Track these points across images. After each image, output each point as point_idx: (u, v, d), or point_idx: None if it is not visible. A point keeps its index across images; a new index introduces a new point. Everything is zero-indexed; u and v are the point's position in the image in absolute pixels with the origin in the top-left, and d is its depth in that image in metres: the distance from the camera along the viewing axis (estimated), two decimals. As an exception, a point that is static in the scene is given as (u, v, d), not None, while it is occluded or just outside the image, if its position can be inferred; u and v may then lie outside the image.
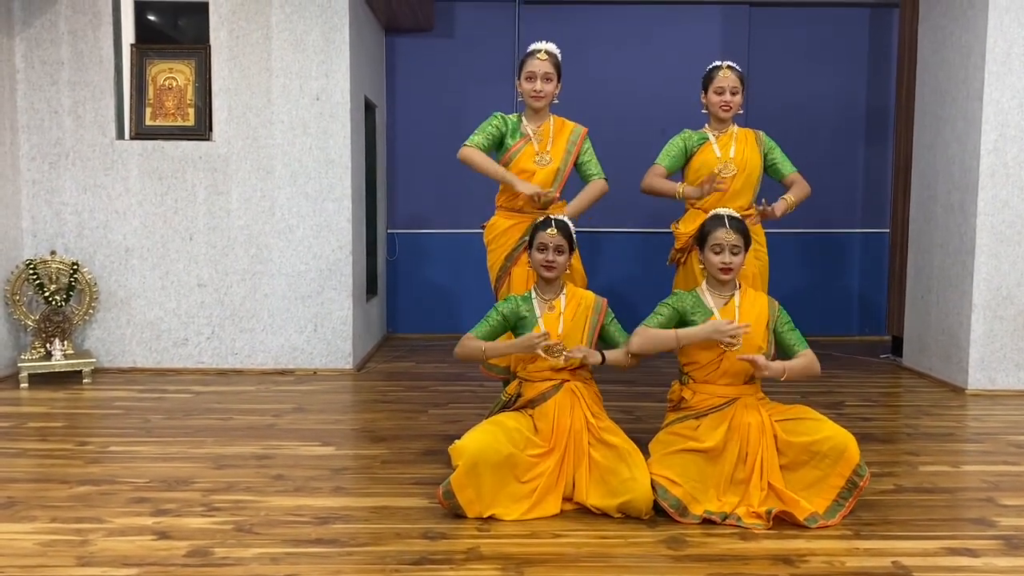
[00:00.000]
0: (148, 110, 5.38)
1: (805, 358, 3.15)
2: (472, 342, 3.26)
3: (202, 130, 5.38)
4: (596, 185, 3.78)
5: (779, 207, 3.74)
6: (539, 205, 3.56)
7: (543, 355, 3.14)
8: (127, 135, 5.38)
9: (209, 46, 5.32)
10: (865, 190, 6.93)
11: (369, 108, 6.19)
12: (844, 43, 6.82)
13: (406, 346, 6.54)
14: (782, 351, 3.21)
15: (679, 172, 3.94)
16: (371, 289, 6.35)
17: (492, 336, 3.31)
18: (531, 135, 3.74)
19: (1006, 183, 4.90)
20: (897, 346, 6.07)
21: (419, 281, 6.95)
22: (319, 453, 3.71)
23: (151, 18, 5.95)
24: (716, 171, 3.67)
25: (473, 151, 3.70)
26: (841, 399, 4.84)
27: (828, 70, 6.81)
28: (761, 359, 3.01)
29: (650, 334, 3.17)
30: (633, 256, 6.84)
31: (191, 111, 5.39)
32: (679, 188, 3.80)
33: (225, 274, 5.39)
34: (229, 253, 5.38)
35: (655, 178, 3.84)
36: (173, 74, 5.39)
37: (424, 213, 6.89)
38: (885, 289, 6.69)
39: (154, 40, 5.73)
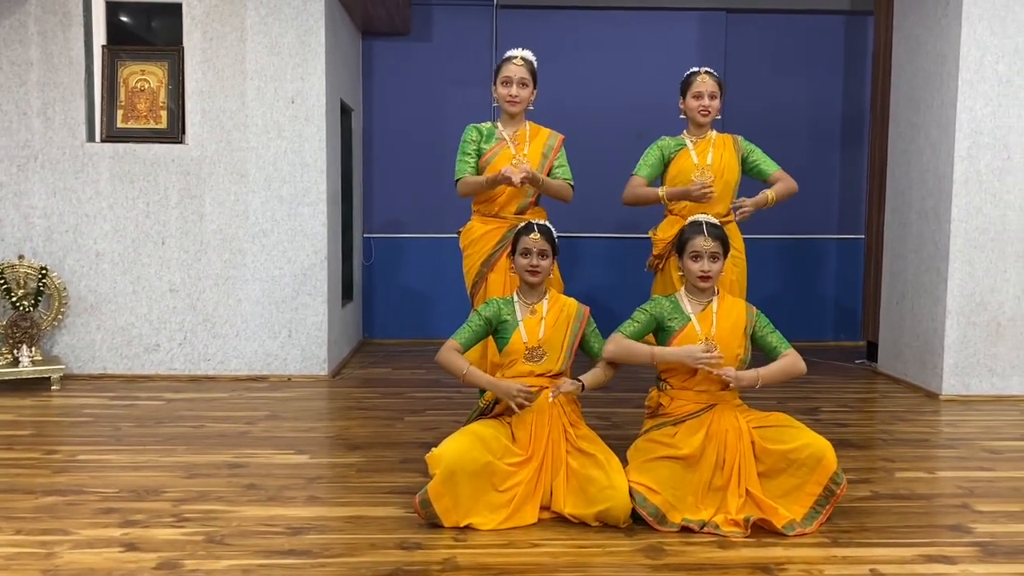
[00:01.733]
0: (120, 112, 5.30)
1: (785, 360, 3.14)
2: (454, 356, 3.18)
3: (175, 133, 5.30)
4: (565, 184, 3.76)
5: (757, 199, 3.71)
6: (508, 184, 3.53)
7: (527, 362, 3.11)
8: (98, 137, 5.30)
9: (182, 48, 5.25)
10: (840, 196, 6.97)
11: (345, 111, 6.14)
12: (820, 50, 6.86)
13: (382, 352, 6.48)
14: (765, 354, 3.20)
15: (659, 180, 3.91)
16: (347, 294, 6.29)
17: (475, 341, 3.27)
18: (507, 140, 3.73)
19: (979, 190, 4.94)
20: (872, 351, 6.10)
21: (396, 286, 6.90)
22: (293, 461, 3.66)
23: (123, 19, 5.86)
24: (694, 177, 3.66)
25: (465, 180, 3.72)
26: (817, 405, 4.85)
27: (804, 77, 6.85)
28: (731, 372, 3.00)
29: (626, 345, 3.15)
30: (611, 262, 6.84)
31: (164, 114, 5.31)
32: (660, 191, 3.76)
33: (198, 279, 5.32)
34: (202, 258, 5.31)
35: (636, 188, 3.81)
36: (145, 76, 5.31)
37: (401, 217, 6.85)
38: (860, 295, 6.73)
39: (126, 42, 5.64)
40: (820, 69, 6.86)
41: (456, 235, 3.90)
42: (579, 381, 3.18)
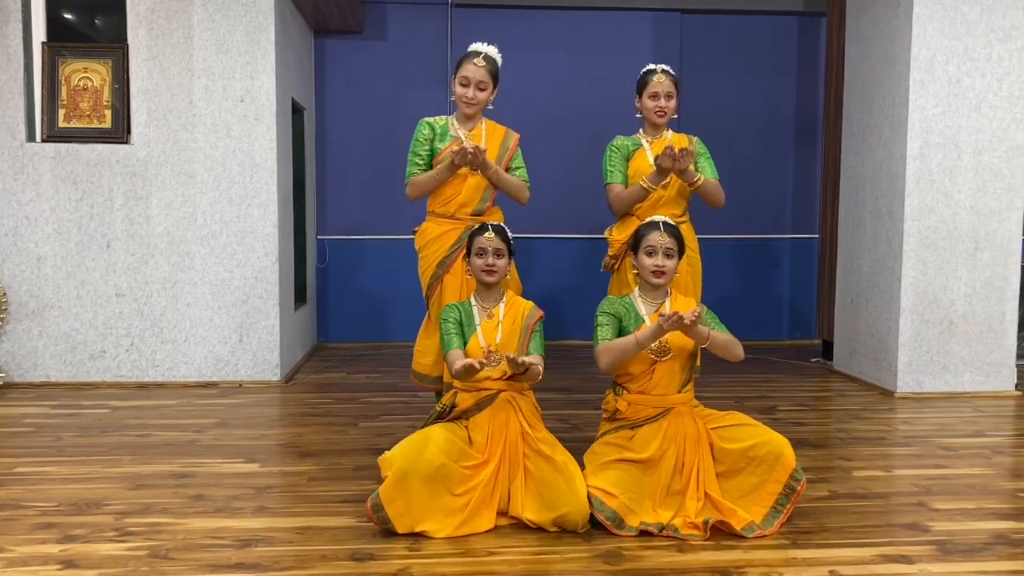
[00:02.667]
0: (61, 111, 5.13)
1: (730, 337, 3.09)
2: (457, 361, 3.06)
3: (120, 132, 5.14)
4: (522, 184, 3.70)
5: (692, 168, 3.59)
6: (468, 161, 3.44)
7: (484, 368, 3.04)
8: (39, 137, 5.12)
9: (127, 45, 5.10)
10: (794, 196, 7.02)
11: (297, 111, 6.02)
12: (774, 51, 6.90)
13: (337, 356, 6.37)
14: None
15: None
16: (300, 297, 6.17)
17: (464, 341, 3.18)
18: (463, 138, 3.65)
19: (931, 189, 4.99)
20: (827, 350, 6.14)
21: (351, 289, 6.79)
22: (242, 470, 3.55)
23: (65, 16, 5.68)
24: (644, 184, 3.60)
25: (414, 181, 3.65)
26: (774, 403, 4.86)
27: (758, 77, 6.89)
28: (688, 315, 2.85)
29: (614, 347, 3.04)
30: (567, 262, 6.79)
31: (108, 113, 5.15)
32: (642, 183, 3.61)
33: (145, 283, 5.16)
34: (149, 261, 5.15)
35: (619, 195, 3.70)
36: (88, 74, 5.14)
37: (355, 219, 6.74)
38: (815, 294, 6.78)
39: (68, 39, 5.47)
40: (774, 70, 6.90)
41: (412, 235, 3.82)
42: (529, 362, 3.04)
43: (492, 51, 3.64)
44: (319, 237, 6.72)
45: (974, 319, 5.07)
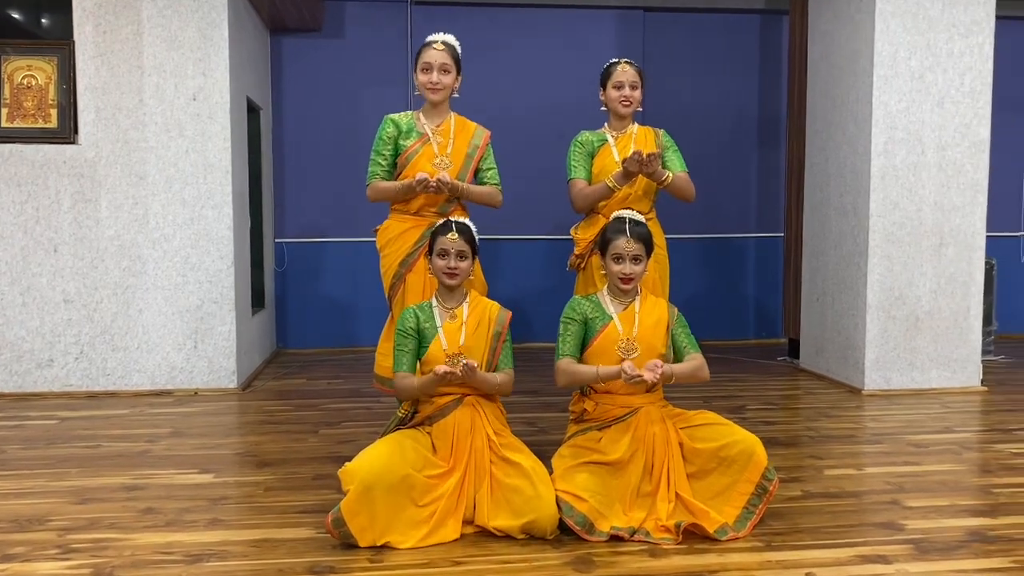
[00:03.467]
0: (4, 111, 4.93)
1: (694, 362, 3.05)
2: (406, 381, 3.01)
3: (66, 132, 4.95)
4: (493, 191, 3.61)
5: (659, 166, 3.52)
6: (434, 190, 3.35)
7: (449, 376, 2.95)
8: (-20, 138, 4.92)
9: (73, 42, 4.91)
10: (759, 194, 7.00)
11: (252, 110, 5.86)
12: (736, 49, 6.88)
13: (297, 362, 6.20)
14: (674, 352, 3.11)
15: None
16: (258, 302, 6.00)
17: (417, 358, 3.07)
18: (430, 134, 3.53)
19: (896, 185, 4.98)
20: (794, 348, 6.11)
21: (311, 293, 6.63)
22: (196, 482, 3.39)
23: (11, 14, 5.47)
24: (610, 183, 3.51)
25: (376, 186, 3.53)
26: (743, 403, 4.81)
27: (722, 76, 6.86)
28: (648, 374, 2.84)
29: (574, 372, 3.01)
30: (532, 263, 6.70)
31: (53, 112, 4.96)
32: (607, 181, 3.53)
33: (94, 288, 4.97)
34: (99, 265, 4.96)
35: (582, 191, 3.62)
36: (32, 72, 4.95)
37: (315, 221, 6.59)
38: (780, 292, 6.76)
39: (12, 36, 5.26)
40: (737, 67, 6.88)
41: (373, 236, 3.70)
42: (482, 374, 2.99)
43: (450, 38, 3.55)
44: (277, 240, 6.56)
45: (940, 315, 5.06)
